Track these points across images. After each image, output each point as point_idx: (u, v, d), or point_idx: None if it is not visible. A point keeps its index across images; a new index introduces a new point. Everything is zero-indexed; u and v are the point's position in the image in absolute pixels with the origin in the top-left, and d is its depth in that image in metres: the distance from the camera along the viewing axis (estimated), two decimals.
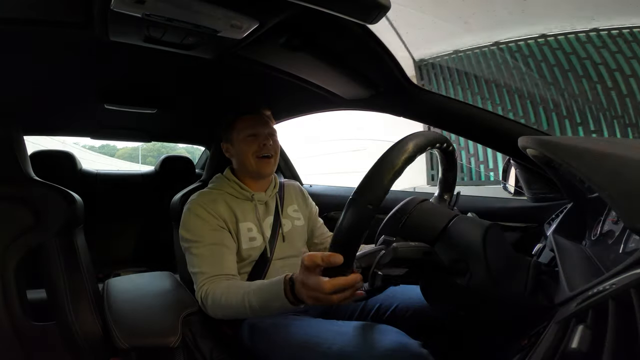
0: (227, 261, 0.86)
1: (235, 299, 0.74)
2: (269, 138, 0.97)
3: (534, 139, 0.51)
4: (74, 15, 0.58)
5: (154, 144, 1.75)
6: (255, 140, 0.95)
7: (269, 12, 0.58)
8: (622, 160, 0.35)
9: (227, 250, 0.87)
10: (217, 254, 0.85)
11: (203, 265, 0.84)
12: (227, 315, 0.78)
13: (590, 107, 4.01)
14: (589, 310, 0.29)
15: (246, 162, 0.96)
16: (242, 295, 0.72)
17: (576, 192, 0.67)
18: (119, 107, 1.18)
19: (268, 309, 0.69)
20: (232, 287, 0.78)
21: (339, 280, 0.52)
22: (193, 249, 0.86)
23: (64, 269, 0.79)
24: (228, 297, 0.75)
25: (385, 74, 0.83)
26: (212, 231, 0.88)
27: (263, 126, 0.97)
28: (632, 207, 0.31)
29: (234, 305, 0.74)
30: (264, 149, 0.95)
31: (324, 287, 0.53)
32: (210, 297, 0.79)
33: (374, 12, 0.50)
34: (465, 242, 0.53)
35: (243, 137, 0.95)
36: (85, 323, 0.77)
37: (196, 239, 0.87)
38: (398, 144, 0.51)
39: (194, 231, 0.87)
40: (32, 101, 1.10)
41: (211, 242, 0.86)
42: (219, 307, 0.78)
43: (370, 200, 0.47)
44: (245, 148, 0.95)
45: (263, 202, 1.00)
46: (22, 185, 0.81)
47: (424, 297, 0.61)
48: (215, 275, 0.82)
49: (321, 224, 1.18)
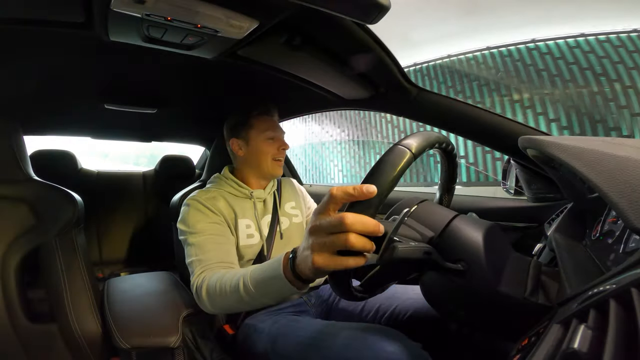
0: (226, 250, 0.83)
1: (230, 283, 0.67)
2: (285, 142, 1.00)
3: (534, 139, 0.51)
4: (74, 15, 0.58)
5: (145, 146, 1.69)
6: (275, 143, 0.98)
7: (269, 12, 0.58)
8: (622, 160, 0.35)
9: (227, 241, 0.86)
10: (216, 243, 0.83)
11: (200, 253, 0.81)
12: (222, 306, 0.72)
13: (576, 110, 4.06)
14: (590, 310, 0.29)
15: (262, 163, 0.97)
16: (238, 278, 0.65)
17: (576, 192, 0.67)
18: (119, 107, 1.18)
19: (266, 294, 0.61)
20: (228, 272, 0.72)
21: (362, 218, 0.41)
22: (190, 239, 0.84)
23: (64, 269, 0.79)
24: (223, 282, 0.69)
25: (386, 74, 0.83)
26: (211, 224, 0.87)
27: (280, 130, 1.01)
28: (632, 207, 0.31)
29: (229, 292, 0.66)
30: (281, 153, 0.99)
31: (346, 220, 0.40)
32: (205, 285, 0.73)
33: (374, 12, 0.50)
34: (465, 242, 0.53)
35: (264, 138, 0.97)
36: (85, 323, 0.77)
37: (194, 230, 0.85)
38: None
39: (193, 223, 0.86)
40: (32, 101, 1.10)
41: (210, 232, 0.85)
42: (213, 295, 0.71)
43: (410, 146, 0.48)
44: (265, 149, 0.97)
45: (262, 199, 1.01)
46: (23, 185, 0.81)
47: (424, 297, 0.61)
48: (213, 262, 0.79)
49: None
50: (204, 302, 0.74)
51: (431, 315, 0.81)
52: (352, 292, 0.55)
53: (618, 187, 0.33)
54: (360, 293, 0.57)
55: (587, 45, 4.06)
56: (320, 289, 1.01)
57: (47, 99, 1.11)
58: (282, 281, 0.55)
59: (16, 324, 0.75)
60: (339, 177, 6.50)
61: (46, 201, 0.81)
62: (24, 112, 1.17)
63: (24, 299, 0.78)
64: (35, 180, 0.83)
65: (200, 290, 0.74)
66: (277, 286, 0.57)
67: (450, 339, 0.81)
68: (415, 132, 0.52)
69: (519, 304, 0.49)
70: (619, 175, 0.34)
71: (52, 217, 0.80)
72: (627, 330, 0.24)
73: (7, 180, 0.80)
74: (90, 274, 0.84)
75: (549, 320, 0.38)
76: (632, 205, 0.31)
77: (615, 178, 0.34)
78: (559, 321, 0.33)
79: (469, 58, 4.86)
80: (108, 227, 1.83)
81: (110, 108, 1.17)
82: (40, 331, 0.77)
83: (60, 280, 0.78)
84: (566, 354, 0.25)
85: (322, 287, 1.02)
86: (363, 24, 0.64)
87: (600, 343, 0.24)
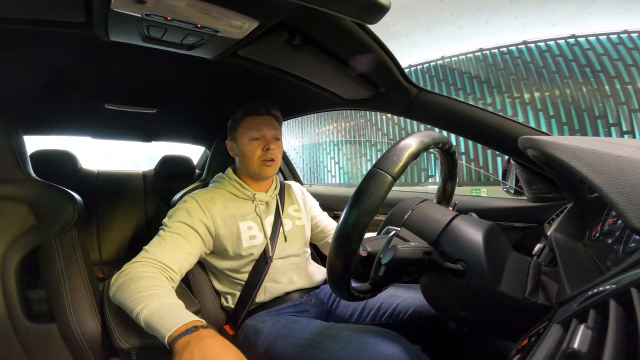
0: (179, 254, 0.81)
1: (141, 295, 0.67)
2: (273, 142, 0.96)
3: (534, 139, 0.51)
4: (74, 15, 0.58)
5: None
6: (260, 144, 0.94)
7: (269, 12, 0.58)
8: (622, 160, 0.35)
9: (189, 247, 0.83)
10: (175, 243, 0.81)
11: (155, 246, 0.80)
12: (119, 300, 0.70)
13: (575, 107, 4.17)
14: (590, 311, 0.29)
15: (249, 164, 0.95)
16: (151, 300, 0.66)
17: (576, 192, 0.67)
18: (119, 107, 1.18)
19: (151, 324, 0.63)
20: (154, 278, 0.72)
21: None
22: (160, 231, 0.84)
23: (64, 269, 0.79)
24: (134, 287, 0.69)
25: (386, 74, 0.83)
26: (189, 228, 0.85)
27: (269, 128, 0.96)
28: (632, 207, 0.31)
29: (131, 299, 0.67)
30: (268, 153, 0.94)
31: None
32: (129, 275, 0.72)
33: (374, 12, 0.49)
34: (465, 242, 0.53)
35: (248, 139, 0.94)
36: (85, 323, 0.77)
37: (169, 224, 0.85)
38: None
39: (174, 219, 0.86)
40: (32, 101, 1.10)
41: (178, 232, 0.83)
42: (123, 288, 0.70)
43: (390, 170, 0.48)
44: (250, 150, 0.94)
45: (264, 202, 1.00)
46: (23, 185, 0.81)
47: (424, 297, 0.61)
48: (155, 260, 0.77)
49: (325, 215, 1.18)
50: (111, 287, 0.73)
51: (431, 315, 0.81)
52: (352, 293, 0.55)
53: (618, 187, 0.33)
54: (360, 293, 0.57)
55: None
56: (320, 289, 1.01)
57: (47, 99, 1.11)
58: (161, 337, 0.61)
59: (16, 324, 0.75)
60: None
61: (46, 201, 0.81)
62: (24, 112, 1.17)
63: (24, 299, 0.78)
64: (35, 180, 0.83)
65: (119, 275, 0.73)
66: (155, 332, 0.62)
67: (450, 338, 0.81)
68: (388, 150, 0.52)
69: (519, 304, 0.49)
70: (619, 175, 0.34)
71: (52, 217, 0.80)
72: (627, 330, 0.24)
73: (7, 180, 0.80)
74: (90, 274, 0.84)
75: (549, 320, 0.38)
76: (632, 205, 0.31)
77: (615, 178, 0.34)
78: (559, 321, 0.33)
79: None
80: (108, 227, 1.82)
81: (110, 108, 1.17)
82: (40, 331, 0.77)
83: (60, 280, 0.78)
84: (566, 354, 0.25)
85: (322, 287, 1.02)
86: (363, 24, 0.64)
87: (600, 343, 0.24)
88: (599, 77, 4.17)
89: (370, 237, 0.56)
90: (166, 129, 1.62)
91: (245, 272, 0.94)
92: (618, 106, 4.03)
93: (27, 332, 0.75)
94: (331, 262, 0.50)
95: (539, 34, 4.63)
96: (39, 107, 1.18)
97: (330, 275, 0.51)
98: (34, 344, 0.76)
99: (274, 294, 0.93)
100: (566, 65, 4.40)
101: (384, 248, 0.49)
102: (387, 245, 0.49)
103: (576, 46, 4.41)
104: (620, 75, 4.06)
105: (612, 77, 4.10)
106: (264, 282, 0.93)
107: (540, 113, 4.43)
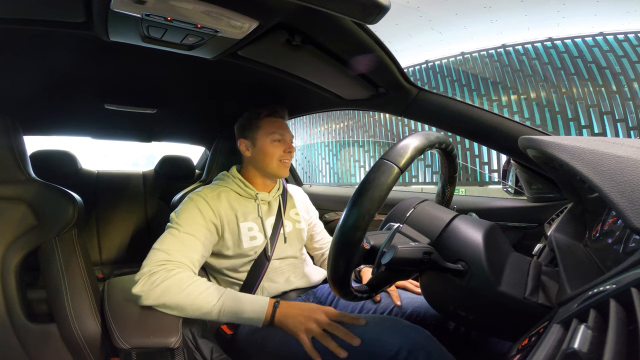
0: (196, 254, 0.84)
1: (202, 292, 0.75)
2: (291, 144, 1.01)
3: (534, 139, 0.51)
4: (74, 15, 0.58)
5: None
6: (282, 145, 0.98)
7: (269, 12, 0.58)
8: (622, 160, 0.35)
9: (203, 248, 0.86)
10: (192, 244, 0.83)
11: (173, 246, 0.81)
12: (170, 304, 0.74)
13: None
14: (590, 311, 0.29)
15: (268, 164, 0.98)
16: (216, 295, 0.75)
17: (576, 192, 0.67)
18: (118, 107, 1.18)
19: (231, 318, 0.75)
20: (199, 280, 0.77)
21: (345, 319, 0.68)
22: (173, 230, 0.84)
23: (64, 269, 0.79)
24: (194, 287, 0.75)
25: (385, 74, 0.83)
26: (200, 227, 0.86)
27: (288, 131, 1.01)
28: (632, 207, 0.31)
29: (199, 298, 0.74)
30: (288, 155, 0.99)
31: (331, 311, 0.68)
32: (173, 279, 0.75)
33: (374, 12, 0.49)
34: (465, 242, 0.53)
35: (270, 140, 0.98)
36: (85, 323, 0.77)
37: (182, 223, 0.85)
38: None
39: (185, 217, 0.86)
40: (32, 101, 1.10)
41: (193, 233, 0.84)
42: (176, 291, 0.73)
43: (397, 161, 0.49)
44: (272, 150, 0.97)
45: (266, 202, 1.01)
46: (23, 185, 0.81)
47: (424, 296, 0.61)
48: (181, 262, 0.79)
49: (322, 228, 1.19)
50: (152, 291, 0.73)
51: (431, 315, 0.81)
52: (352, 293, 0.55)
53: (618, 187, 0.33)
54: (360, 293, 0.57)
55: None
56: (317, 288, 1.02)
57: (47, 99, 1.11)
58: (258, 321, 0.74)
59: (16, 324, 0.75)
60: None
61: (46, 201, 0.81)
62: (24, 112, 1.17)
63: (23, 299, 0.78)
64: (35, 180, 0.83)
65: (156, 278, 0.74)
66: (248, 320, 0.75)
67: (450, 338, 0.81)
68: (397, 143, 0.52)
69: (519, 304, 0.49)
70: (619, 175, 0.34)
71: (52, 217, 0.80)
72: (627, 330, 0.24)
73: (7, 180, 0.80)
74: (90, 274, 0.84)
75: (549, 321, 0.38)
76: (632, 205, 0.31)
77: (615, 178, 0.34)
78: (559, 321, 0.33)
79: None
80: (108, 227, 1.82)
81: (110, 108, 1.17)
82: (40, 331, 0.76)
83: (60, 281, 0.78)
84: (566, 354, 0.25)
85: (320, 286, 1.02)
86: (363, 24, 0.64)
87: (601, 343, 0.24)
88: (572, 79, 4.25)
89: (373, 232, 0.56)
90: (166, 129, 1.62)
91: (243, 272, 0.94)
92: (590, 108, 4.11)
93: (27, 332, 0.75)
94: (335, 251, 0.49)
95: (516, 38, 4.77)
96: (39, 107, 1.18)
97: (333, 266, 0.50)
98: (34, 344, 0.76)
99: (272, 294, 0.94)
100: (542, 68, 4.50)
101: (386, 242, 0.49)
102: (390, 239, 0.49)
103: (552, 49, 4.51)
104: (594, 79, 4.13)
105: (585, 79, 4.18)
106: (261, 281, 0.94)
107: (516, 116, 4.53)
